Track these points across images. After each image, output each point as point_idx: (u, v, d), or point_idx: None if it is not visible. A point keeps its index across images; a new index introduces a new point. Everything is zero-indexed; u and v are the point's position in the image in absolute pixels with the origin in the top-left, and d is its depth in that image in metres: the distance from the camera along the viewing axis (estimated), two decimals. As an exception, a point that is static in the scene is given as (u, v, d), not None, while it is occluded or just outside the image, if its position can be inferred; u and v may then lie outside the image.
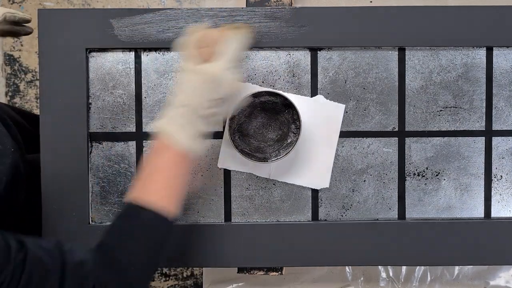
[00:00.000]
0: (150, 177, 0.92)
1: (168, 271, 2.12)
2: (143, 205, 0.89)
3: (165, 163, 0.91)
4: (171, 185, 0.91)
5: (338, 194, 1.13)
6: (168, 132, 0.91)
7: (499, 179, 1.13)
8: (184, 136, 0.91)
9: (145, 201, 0.89)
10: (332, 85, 1.12)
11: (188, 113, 0.91)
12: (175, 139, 0.91)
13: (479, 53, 1.12)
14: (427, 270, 1.32)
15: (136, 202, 0.89)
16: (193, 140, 0.92)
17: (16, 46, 2.12)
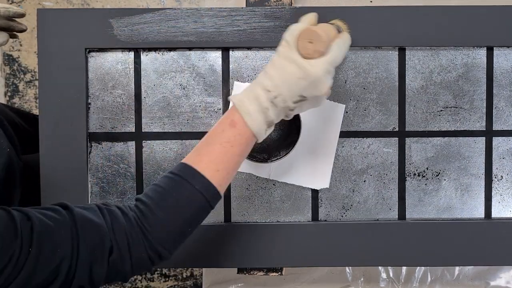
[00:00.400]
0: (211, 146, 0.89)
1: (167, 271, 2.11)
2: (198, 170, 0.86)
3: (229, 138, 0.88)
4: (227, 162, 0.88)
5: (338, 195, 1.13)
6: (246, 110, 0.88)
7: (500, 180, 1.13)
8: (260, 121, 0.88)
9: (200, 168, 0.86)
10: (332, 85, 1.11)
11: (273, 100, 0.88)
12: (252, 120, 0.88)
13: (479, 53, 1.11)
14: (428, 270, 1.32)
15: (193, 165, 0.87)
16: (264, 126, 0.89)
17: (15, 46, 2.12)
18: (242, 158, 0.90)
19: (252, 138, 0.89)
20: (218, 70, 1.12)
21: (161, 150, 1.12)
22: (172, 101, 1.12)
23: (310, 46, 0.88)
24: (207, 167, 0.87)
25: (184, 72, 1.12)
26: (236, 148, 0.88)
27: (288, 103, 0.88)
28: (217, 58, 1.12)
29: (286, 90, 0.88)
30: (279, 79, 0.88)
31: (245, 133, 0.88)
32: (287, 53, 0.89)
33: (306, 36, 0.89)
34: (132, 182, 1.12)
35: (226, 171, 0.88)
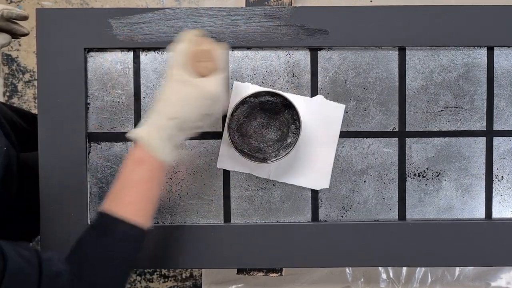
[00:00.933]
0: (125, 189, 0.90)
1: (167, 272, 2.11)
2: (117, 217, 0.88)
3: (141, 176, 0.90)
4: (145, 199, 0.91)
5: (338, 195, 1.12)
6: (149, 144, 0.90)
7: (500, 180, 1.12)
8: (166, 150, 0.90)
9: (119, 213, 0.88)
10: (332, 85, 1.11)
11: (174, 126, 0.90)
12: (156, 152, 0.89)
13: (480, 53, 1.11)
14: (428, 271, 1.32)
15: (111, 213, 0.88)
16: (172, 152, 0.91)
17: (14, 46, 2.11)
18: (157, 188, 0.93)
19: (162, 166, 0.91)
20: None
21: (160, 150, 1.11)
22: (172, 101, 1.11)
23: (202, 65, 0.92)
24: (126, 210, 0.89)
25: (184, 72, 1.11)
26: (150, 183, 0.91)
27: (196, 123, 0.91)
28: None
29: (190, 112, 0.90)
30: (180, 104, 0.90)
31: (154, 166, 0.90)
32: (180, 76, 0.91)
33: (196, 56, 0.92)
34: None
35: (144, 207, 0.91)
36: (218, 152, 1.11)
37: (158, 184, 0.92)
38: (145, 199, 0.90)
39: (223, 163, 1.11)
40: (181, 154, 1.11)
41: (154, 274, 2.12)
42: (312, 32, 1.09)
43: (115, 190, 0.91)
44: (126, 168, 0.91)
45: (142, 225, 0.89)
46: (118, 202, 0.89)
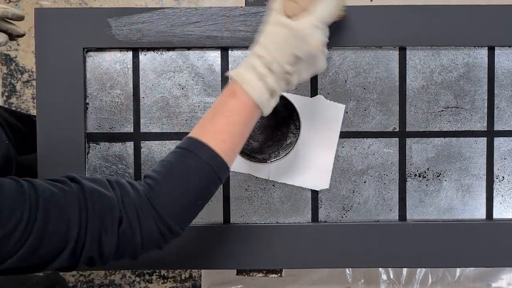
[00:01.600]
0: (215, 119, 0.87)
1: (166, 273, 2.11)
2: (203, 142, 0.85)
3: (233, 107, 0.87)
4: (233, 131, 0.87)
5: (338, 195, 1.12)
6: (244, 79, 0.87)
7: (501, 180, 1.12)
8: (259, 87, 0.87)
9: (205, 140, 0.85)
10: (332, 85, 1.11)
11: (269, 66, 0.87)
12: (250, 87, 0.87)
13: (480, 53, 1.11)
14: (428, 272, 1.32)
15: (197, 138, 0.85)
16: (266, 95, 0.88)
17: (13, 46, 2.11)
18: (247, 128, 0.89)
19: (255, 107, 0.88)
20: (217, 69, 1.11)
21: (159, 151, 1.11)
22: (171, 101, 1.11)
23: (295, 6, 0.90)
24: (212, 138, 0.85)
25: (183, 72, 1.11)
26: (239, 117, 0.87)
27: (284, 66, 0.88)
28: (216, 58, 1.11)
29: (278, 52, 0.88)
30: (270, 43, 0.88)
31: (247, 102, 0.87)
32: (274, 18, 0.90)
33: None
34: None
35: (231, 140, 0.87)
36: (217, 152, 1.11)
37: (246, 122, 0.88)
38: (231, 132, 0.87)
39: (223, 163, 1.11)
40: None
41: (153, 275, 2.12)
42: (312, 32, 1.09)
43: (205, 118, 0.88)
44: (218, 99, 0.89)
45: (226, 158, 0.86)
46: (205, 129, 0.86)
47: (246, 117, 0.88)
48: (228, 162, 0.87)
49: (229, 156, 0.87)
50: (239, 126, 0.88)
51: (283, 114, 1.08)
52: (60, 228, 0.76)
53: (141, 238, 0.82)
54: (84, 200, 0.79)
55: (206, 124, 0.87)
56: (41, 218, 0.74)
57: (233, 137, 0.87)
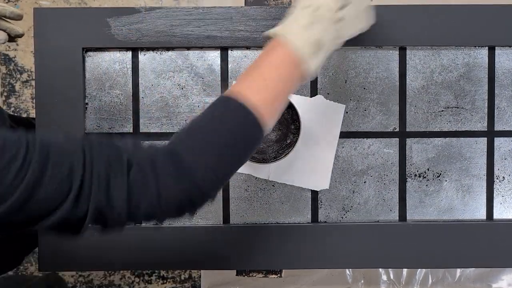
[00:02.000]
0: (251, 72, 0.79)
1: (165, 273, 2.11)
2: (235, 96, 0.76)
3: (273, 61, 0.79)
4: (273, 86, 0.78)
5: (338, 196, 1.12)
6: (286, 32, 0.80)
7: (502, 181, 1.12)
8: (303, 38, 0.79)
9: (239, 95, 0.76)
10: (332, 85, 1.11)
11: (310, 13, 0.81)
12: (293, 39, 0.79)
13: (481, 53, 1.11)
14: (429, 272, 1.31)
15: (228, 94, 0.77)
16: (311, 48, 0.80)
17: (12, 46, 2.11)
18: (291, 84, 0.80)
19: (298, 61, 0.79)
20: (216, 70, 1.11)
21: (159, 151, 1.11)
22: (170, 101, 1.11)
23: None
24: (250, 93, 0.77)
25: (183, 72, 1.11)
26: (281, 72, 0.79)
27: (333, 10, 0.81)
28: (216, 58, 1.11)
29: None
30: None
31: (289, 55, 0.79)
32: None
33: None
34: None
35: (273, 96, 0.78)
36: (217, 152, 1.10)
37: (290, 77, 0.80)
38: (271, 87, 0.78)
39: (222, 163, 1.10)
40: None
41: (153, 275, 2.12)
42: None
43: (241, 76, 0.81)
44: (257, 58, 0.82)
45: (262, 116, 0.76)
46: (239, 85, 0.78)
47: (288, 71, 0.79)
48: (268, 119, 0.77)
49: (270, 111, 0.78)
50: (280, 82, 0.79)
51: (283, 114, 1.07)
52: (62, 170, 0.68)
53: (156, 189, 0.71)
54: (88, 144, 0.71)
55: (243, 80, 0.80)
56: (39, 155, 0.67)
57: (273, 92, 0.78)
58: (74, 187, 0.68)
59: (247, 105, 0.75)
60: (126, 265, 1.14)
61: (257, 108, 0.76)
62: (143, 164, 0.71)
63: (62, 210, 0.69)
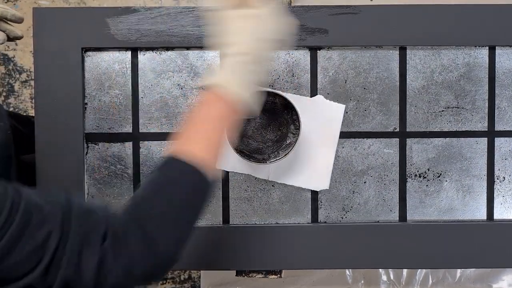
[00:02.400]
0: (197, 128, 0.82)
1: (165, 273, 2.10)
2: (181, 156, 0.78)
3: (211, 114, 0.82)
4: (217, 138, 0.82)
5: (338, 196, 1.11)
6: (217, 82, 0.82)
7: (502, 181, 1.12)
8: (234, 84, 0.82)
9: (184, 152, 0.79)
10: (332, 85, 1.10)
11: (236, 58, 0.83)
12: (225, 87, 0.81)
13: (481, 53, 1.10)
14: (429, 273, 1.31)
15: (174, 153, 0.79)
16: (245, 89, 0.82)
17: (11, 46, 2.10)
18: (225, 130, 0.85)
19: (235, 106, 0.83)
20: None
21: (158, 151, 1.11)
22: (170, 101, 1.11)
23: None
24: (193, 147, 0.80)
25: (182, 71, 1.11)
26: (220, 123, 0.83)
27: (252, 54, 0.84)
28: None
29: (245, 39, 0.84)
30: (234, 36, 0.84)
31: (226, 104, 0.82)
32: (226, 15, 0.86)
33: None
34: (130, 183, 1.11)
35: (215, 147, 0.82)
36: (217, 152, 1.10)
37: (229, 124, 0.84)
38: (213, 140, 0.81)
39: (222, 163, 1.10)
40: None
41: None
42: (312, 32, 1.09)
43: (182, 131, 0.83)
44: (194, 111, 0.84)
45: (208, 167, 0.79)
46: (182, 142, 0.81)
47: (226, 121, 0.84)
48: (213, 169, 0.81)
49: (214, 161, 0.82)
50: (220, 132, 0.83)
51: (282, 115, 1.07)
52: (38, 239, 0.69)
53: (125, 264, 0.73)
54: (68, 210, 0.72)
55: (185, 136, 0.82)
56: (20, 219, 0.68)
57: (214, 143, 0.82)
58: (45, 258, 0.69)
59: (196, 165, 0.78)
60: None
61: (204, 162, 0.79)
62: (115, 238, 0.73)
63: (29, 277, 0.69)
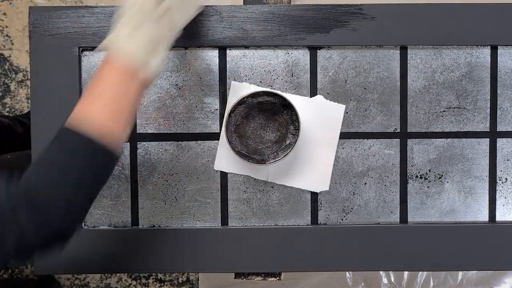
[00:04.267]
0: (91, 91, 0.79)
1: (163, 276, 2.10)
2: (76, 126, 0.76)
3: (108, 77, 0.78)
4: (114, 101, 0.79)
5: (338, 197, 1.11)
6: (117, 41, 0.79)
7: (504, 182, 1.11)
8: (135, 43, 0.79)
9: (82, 120, 0.76)
10: (332, 85, 1.10)
11: (133, 16, 0.80)
12: (125, 47, 0.79)
13: (483, 52, 1.10)
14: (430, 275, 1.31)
15: (71, 122, 0.77)
16: (146, 49, 0.80)
17: (7, 45, 2.09)
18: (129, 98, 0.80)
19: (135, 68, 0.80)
20: (215, 69, 1.10)
21: (156, 152, 1.10)
22: (168, 102, 1.10)
23: None
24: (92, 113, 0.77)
25: (180, 71, 1.10)
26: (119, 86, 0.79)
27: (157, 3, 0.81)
28: (214, 57, 1.10)
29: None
30: None
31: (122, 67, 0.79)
32: None
33: None
34: (127, 184, 1.10)
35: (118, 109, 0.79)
36: (215, 153, 1.09)
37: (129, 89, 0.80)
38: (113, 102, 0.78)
39: (221, 164, 1.10)
40: (177, 156, 1.10)
41: (150, 278, 2.11)
42: (312, 31, 1.08)
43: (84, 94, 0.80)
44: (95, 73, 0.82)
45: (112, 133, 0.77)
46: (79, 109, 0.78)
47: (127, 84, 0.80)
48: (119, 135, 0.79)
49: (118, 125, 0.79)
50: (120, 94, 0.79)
51: (282, 115, 1.07)
52: None
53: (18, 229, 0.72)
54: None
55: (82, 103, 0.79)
56: None
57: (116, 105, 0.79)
58: None
59: (93, 134, 0.75)
60: (123, 268, 1.13)
61: (106, 130, 0.76)
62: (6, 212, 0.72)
63: None
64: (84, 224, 1.10)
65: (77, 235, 1.07)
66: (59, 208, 0.75)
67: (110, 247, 1.09)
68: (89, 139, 0.76)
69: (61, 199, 0.75)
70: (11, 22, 1.06)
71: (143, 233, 1.09)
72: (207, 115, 1.10)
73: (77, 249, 1.07)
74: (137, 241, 1.09)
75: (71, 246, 1.07)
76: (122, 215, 1.10)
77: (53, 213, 0.74)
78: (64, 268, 1.11)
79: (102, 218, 1.10)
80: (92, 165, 0.77)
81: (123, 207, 1.10)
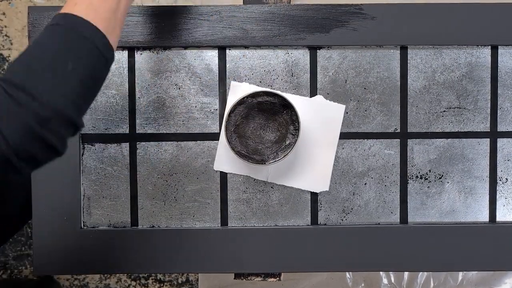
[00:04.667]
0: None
1: (162, 277, 2.09)
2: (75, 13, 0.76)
3: None
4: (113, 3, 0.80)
5: (338, 198, 1.10)
6: None
7: (505, 182, 1.11)
8: None
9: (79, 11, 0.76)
10: (332, 85, 1.09)
11: None
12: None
13: (483, 52, 1.09)
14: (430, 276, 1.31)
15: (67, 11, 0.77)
16: None
17: (6, 45, 2.09)
18: None
19: None
20: (214, 69, 1.09)
21: (155, 152, 1.10)
22: (167, 102, 1.09)
23: None
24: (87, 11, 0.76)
25: (180, 71, 1.09)
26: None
27: None
28: (214, 57, 1.09)
29: None
30: None
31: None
32: None
33: None
34: (126, 184, 1.10)
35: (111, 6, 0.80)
36: (215, 153, 1.09)
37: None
38: None
39: (220, 165, 1.09)
40: (176, 156, 1.09)
41: (149, 278, 2.10)
42: (312, 31, 1.08)
43: None
44: None
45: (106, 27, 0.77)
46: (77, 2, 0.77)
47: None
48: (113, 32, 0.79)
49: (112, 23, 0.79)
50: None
51: (282, 115, 1.06)
52: None
53: None
54: None
55: None
56: None
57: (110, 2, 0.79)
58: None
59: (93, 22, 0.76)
60: (122, 268, 1.13)
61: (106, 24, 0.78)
62: None
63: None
64: (83, 225, 1.09)
65: (76, 235, 1.08)
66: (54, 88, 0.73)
67: (109, 248, 1.09)
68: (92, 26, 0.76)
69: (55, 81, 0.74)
70: (10, 22, 1.06)
71: (142, 234, 1.08)
72: (207, 115, 1.10)
73: (76, 250, 1.07)
74: (137, 241, 1.08)
75: (70, 246, 1.07)
76: (121, 215, 1.10)
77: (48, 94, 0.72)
78: (63, 269, 1.11)
79: (101, 218, 1.10)
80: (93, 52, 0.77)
81: (123, 207, 1.10)
